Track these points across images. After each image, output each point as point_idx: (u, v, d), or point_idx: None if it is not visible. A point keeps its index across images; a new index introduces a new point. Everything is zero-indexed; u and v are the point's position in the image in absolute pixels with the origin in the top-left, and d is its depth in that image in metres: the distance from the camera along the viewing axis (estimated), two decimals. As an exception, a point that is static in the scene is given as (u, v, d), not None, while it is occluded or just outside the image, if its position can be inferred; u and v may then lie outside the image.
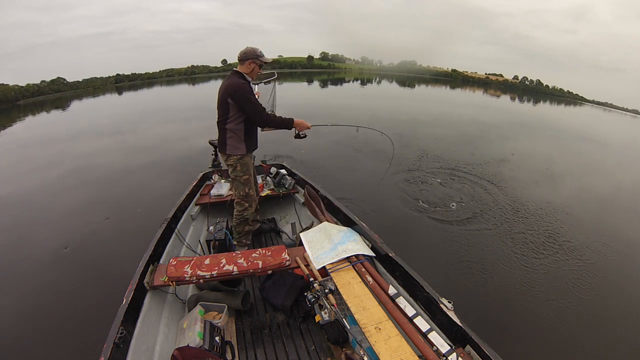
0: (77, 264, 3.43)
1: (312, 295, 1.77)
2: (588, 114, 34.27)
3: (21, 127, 14.77)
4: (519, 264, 3.54)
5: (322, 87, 31.76)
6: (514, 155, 8.31)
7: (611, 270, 3.60)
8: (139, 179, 6.03)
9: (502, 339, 2.49)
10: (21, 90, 36.14)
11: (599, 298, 3.11)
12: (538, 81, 75.90)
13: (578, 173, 7.87)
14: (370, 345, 1.45)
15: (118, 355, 1.34)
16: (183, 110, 11.66)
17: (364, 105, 16.83)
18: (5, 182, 6.24)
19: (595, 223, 4.77)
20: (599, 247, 4.04)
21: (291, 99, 15.48)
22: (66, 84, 44.24)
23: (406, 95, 28.73)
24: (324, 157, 6.95)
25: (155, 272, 1.88)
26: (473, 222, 4.41)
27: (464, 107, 20.83)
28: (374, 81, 47.35)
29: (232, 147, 2.32)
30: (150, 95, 28.44)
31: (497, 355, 1.30)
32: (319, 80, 43.40)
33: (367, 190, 5.19)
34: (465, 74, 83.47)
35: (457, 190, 5.49)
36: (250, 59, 2.21)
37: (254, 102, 2.20)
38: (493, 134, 11.62)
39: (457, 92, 38.91)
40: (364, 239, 2.17)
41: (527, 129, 14.49)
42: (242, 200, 2.48)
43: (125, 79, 52.96)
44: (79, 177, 6.24)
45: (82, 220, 4.37)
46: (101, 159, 7.40)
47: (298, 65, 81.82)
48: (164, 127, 10.75)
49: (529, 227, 4.38)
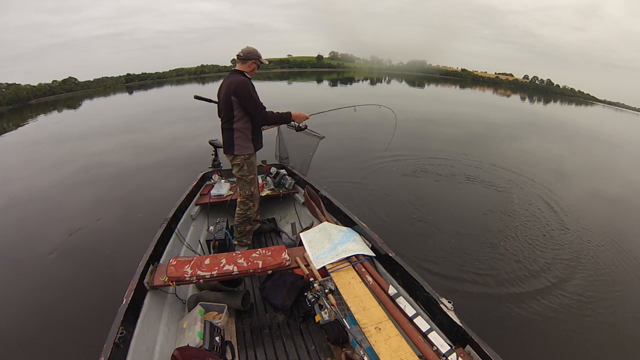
0: (78, 263, 3.43)
1: (312, 295, 1.77)
2: (601, 114, 33.29)
3: (33, 126, 14.84)
4: (520, 263, 3.54)
5: (331, 86, 31.59)
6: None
7: (613, 270, 3.60)
8: (147, 177, 6.03)
9: (502, 339, 2.49)
10: (33, 90, 36.16)
11: (601, 298, 3.11)
12: (549, 81, 74.78)
13: (586, 172, 7.86)
14: (370, 345, 1.45)
15: (118, 355, 1.34)
16: (194, 109, 11.63)
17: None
18: (17, 181, 6.32)
19: (598, 223, 4.76)
20: (601, 247, 4.04)
21: (303, 97, 15.37)
22: (77, 83, 44.23)
23: (417, 94, 28.32)
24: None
25: (155, 272, 1.88)
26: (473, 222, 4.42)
27: (480, 107, 20.57)
28: (384, 80, 46.99)
29: (240, 147, 2.31)
30: (160, 94, 28.47)
31: (497, 355, 1.30)
32: (329, 79, 43.28)
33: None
34: (475, 73, 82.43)
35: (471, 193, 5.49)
36: (253, 59, 2.22)
37: (257, 100, 2.21)
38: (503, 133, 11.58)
39: (467, 92, 38.33)
40: (364, 239, 2.17)
41: (546, 129, 14.35)
42: (246, 200, 2.48)
43: (135, 78, 53.00)
44: (89, 176, 6.28)
45: (83, 219, 4.36)
46: (111, 157, 7.42)
47: (307, 64, 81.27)
48: (174, 127, 10.70)
49: (529, 227, 4.38)
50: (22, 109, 26.10)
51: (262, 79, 38.17)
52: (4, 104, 28.84)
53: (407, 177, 5.94)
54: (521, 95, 43.36)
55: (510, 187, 5.84)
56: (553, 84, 74.04)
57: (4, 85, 33.86)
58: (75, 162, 7.26)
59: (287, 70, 71.85)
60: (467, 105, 21.79)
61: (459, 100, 25.12)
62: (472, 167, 6.72)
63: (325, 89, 29.09)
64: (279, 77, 44.80)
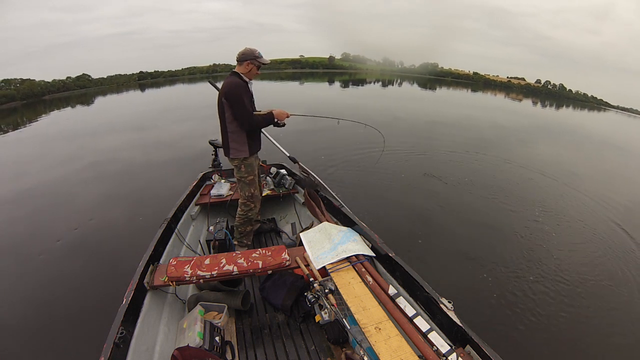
0: (78, 263, 3.43)
1: (312, 295, 1.77)
2: (619, 121, 32.30)
3: (47, 121, 14.99)
4: (520, 262, 3.54)
5: (343, 88, 31.59)
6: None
7: (615, 269, 3.60)
8: (154, 176, 6.04)
9: (502, 339, 2.49)
10: (47, 86, 36.76)
11: (601, 298, 3.11)
12: (561, 85, 74.39)
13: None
14: (370, 345, 1.45)
15: (118, 355, 1.34)
16: (204, 107, 11.62)
17: (383, 106, 16.53)
18: (28, 175, 6.39)
19: (599, 223, 4.77)
20: (603, 248, 4.04)
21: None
22: (91, 80, 44.91)
23: (430, 97, 28.13)
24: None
25: (155, 272, 1.88)
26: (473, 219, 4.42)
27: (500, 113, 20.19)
28: (395, 83, 46.88)
29: (235, 150, 2.31)
30: (172, 93, 28.61)
31: (497, 355, 1.30)
32: (340, 80, 43.35)
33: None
34: (487, 76, 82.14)
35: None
36: (248, 60, 2.20)
37: (244, 105, 2.16)
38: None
39: (479, 96, 37.91)
40: (364, 239, 2.17)
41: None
42: (247, 201, 2.48)
43: (147, 76, 53.56)
44: (98, 171, 6.36)
45: (84, 218, 4.37)
46: (121, 154, 7.48)
47: (320, 65, 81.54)
48: (184, 124, 10.72)
49: (529, 226, 4.39)
50: (36, 104, 26.48)
51: (274, 79, 38.24)
52: (18, 99, 29.40)
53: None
54: (533, 100, 42.80)
55: (513, 187, 5.86)
56: (565, 88, 73.36)
57: (19, 81, 34.48)
58: (85, 158, 7.34)
59: (299, 70, 71.96)
60: (490, 110, 21.33)
61: (478, 104, 24.78)
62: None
63: (337, 90, 29.11)
64: (291, 77, 44.91)
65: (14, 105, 27.30)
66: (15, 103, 28.12)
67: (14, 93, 30.30)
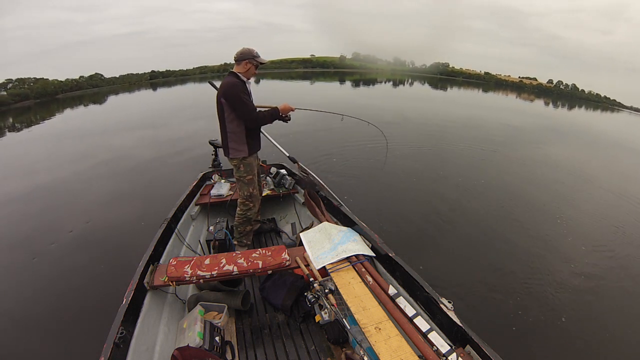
0: (78, 263, 3.43)
1: (312, 295, 1.77)
2: (630, 122, 30.87)
3: (60, 119, 15.04)
4: (520, 262, 3.54)
5: (354, 87, 31.47)
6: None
7: (616, 268, 3.60)
8: (160, 174, 6.06)
9: (502, 339, 2.48)
10: (60, 85, 36.85)
11: (601, 298, 3.11)
12: (574, 85, 72.43)
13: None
14: (370, 345, 1.45)
15: (118, 355, 1.34)
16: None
17: (392, 107, 16.19)
18: (40, 172, 6.48)
19: (601, 224, 4.77)
20: (605, 247, 4.04)
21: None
22: (104, 79, 45.04)
23: (441, 97, 27.87)
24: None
25: (155, 272, 1.88)
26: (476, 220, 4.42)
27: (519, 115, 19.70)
28: (406, 83, 46.42)
29: (234, 150, 2.32)
30: (183, 92, 28.66)
31: (497, 355, 1.30)
32: (351, 80, 43.13)
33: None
34: (499, 76, 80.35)
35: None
36: (246, 59, 2.20)
37: (245, 102, 2.17)
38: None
39: (490, 96, 37.32)
40: (364, 239, 2.17)
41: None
42: (246, 201, 2.48)
43: (159, 75, 53.78)
44: (110, 169, 6.40)
45: (84, 218, 4.37)
46: (134, 151, 7.53)
47: (330, 64, 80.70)
48: (195, 123, 10.70)
49: (529, 226, 4.38)
50: (50, 102, 26.60)
51: (285, 78, 38.06)
52: (32, 97, 29.60)
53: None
54: (545, 100, 42.06)
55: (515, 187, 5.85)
56: (578, 89, 71.83)
57: (32, 80, 34.68)
58: (97, 156, 7.38)
59: (310, 70, 71.66)
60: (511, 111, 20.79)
61: (490, 105, 24.39)
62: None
63: (347, 89, 29.04)
64: (302, 77, 44.83)
65: (27, 104, 27.52)
66: (29, 102, 28.36)
67: (28, 92, 30.54)
